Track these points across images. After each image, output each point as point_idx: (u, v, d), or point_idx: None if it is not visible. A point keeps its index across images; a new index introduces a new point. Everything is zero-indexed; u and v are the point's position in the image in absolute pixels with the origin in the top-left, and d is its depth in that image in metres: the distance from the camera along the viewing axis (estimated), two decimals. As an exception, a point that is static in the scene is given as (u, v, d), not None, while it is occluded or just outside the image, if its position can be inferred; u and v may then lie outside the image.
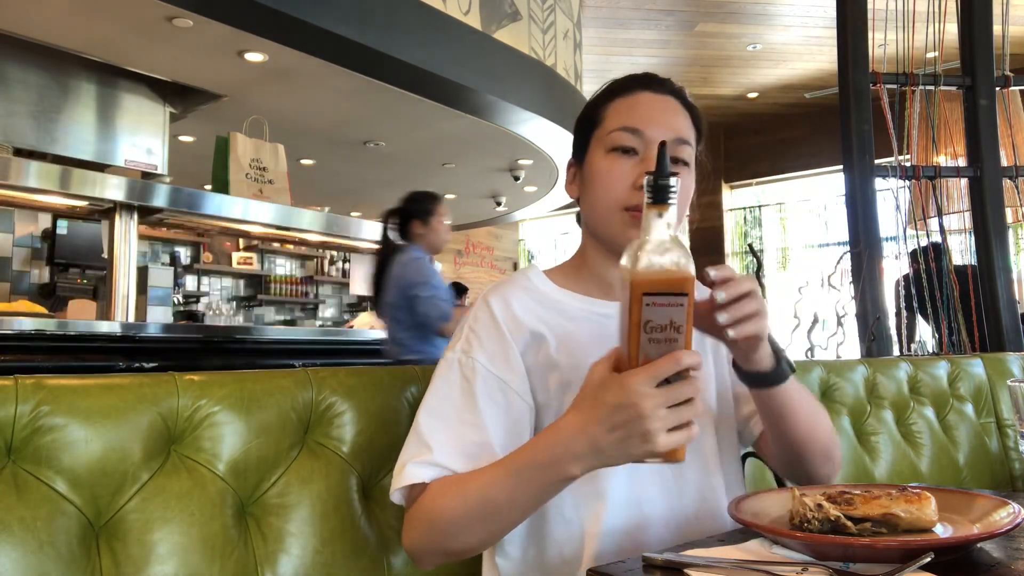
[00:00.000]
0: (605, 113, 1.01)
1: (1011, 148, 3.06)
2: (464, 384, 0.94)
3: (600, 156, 1.00)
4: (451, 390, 0.94)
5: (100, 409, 0.85)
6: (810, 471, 1.00)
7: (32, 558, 0.76)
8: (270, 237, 5.03)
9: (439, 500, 0.87)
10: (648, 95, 1.00)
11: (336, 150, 5.63)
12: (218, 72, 4.05)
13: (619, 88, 1.03)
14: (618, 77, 1.06)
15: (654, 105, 1.00)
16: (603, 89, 1.05)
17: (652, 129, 0.97)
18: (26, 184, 2.20)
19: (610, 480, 0.94)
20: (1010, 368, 2.14)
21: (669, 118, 0.99)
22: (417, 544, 0.90)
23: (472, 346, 0.96)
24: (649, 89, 1.01)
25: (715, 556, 0.73)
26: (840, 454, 1.04)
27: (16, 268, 5.36)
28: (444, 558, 0.91)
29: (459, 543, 0.88)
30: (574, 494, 0.93)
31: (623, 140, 0.97)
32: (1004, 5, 2.87)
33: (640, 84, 1.02)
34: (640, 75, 1.04)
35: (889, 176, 2.81)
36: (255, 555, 0.89)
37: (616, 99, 1.01)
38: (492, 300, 1.00)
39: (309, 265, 8.29)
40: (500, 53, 4.45)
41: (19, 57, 3.87)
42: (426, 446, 0.89)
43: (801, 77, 6.98)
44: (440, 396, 0.94)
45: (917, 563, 0.65)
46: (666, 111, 1.00)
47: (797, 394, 0.93)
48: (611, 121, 1.00)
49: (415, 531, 0.89)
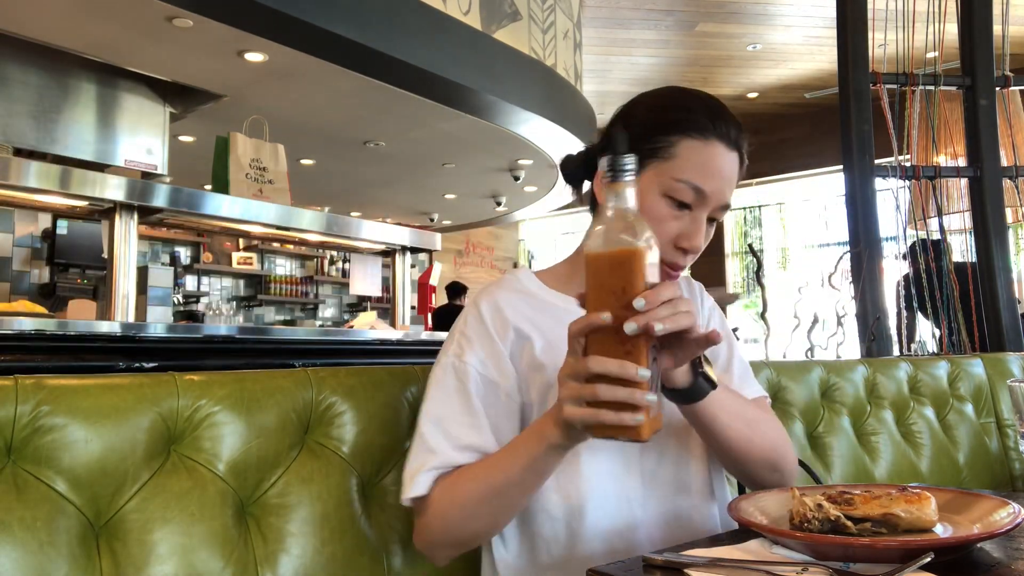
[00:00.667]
0: (676, 149, 0.95)
1: (1011, 148, 3.07)
2: (459, 387, 0.96)
3: (655, 195, 0.95)
4: (448, 395, 0.96)
5: (100, 409, 0.85)
6: (756, 480, 1.00)
7: (32, 558, 0.76)
8: (270, 237, 5.03)
9: (446, 495, 0.90)
10: (722, 150, 0.96)
11: (336, 150, 5.63)
12: (218, 72, 4.05)
13: (695, 125, 0.96)
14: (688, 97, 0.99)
15: (724, 167, 0.96)
16: (676, 110, 0.98)
17: (715, 194, 0.95)
18: (26, 184, 2.20)
19: (595, 479, 0.95)
20: (1010, 368, 2.14)
21: (729, 184, 0.97)
22: (429, 541, 0.93)
23: (464, 350, 0.98)
24: (725, 142, 0.96)
25: (715, 556, 0.73)
26: (793, 463, 1.02)
27: (16, 268, 5.36)
28: (456, 549, 0.95)
29: (468, 531, 0.91)
30: (560, 492, 0.94)
31: (685, 196, 0.95)
32: (1004, 5, 2.87)
33: (716, 131, 0.96)
34: (717, 114, 0.97)
35: (889, 176, 2.81)
36: (255, 555, 0.89)
37: (691, 137, 0.95)
38: (481, 302, 1.01)
39: (309, 265, 8.29)
40: (500, 53, 4.45)
41: (19, 57, 3.87)
42: (431, 451, 0.92)
43: (801, 77, 6.98)
44: (438, 401, 0.96)
45: (917, 563, 0.65)
46: (731, 177, 0.97)
47: (724, 409, 0.92)
48: (680, 165, 0.95)
49: (427, 529, 0.92)
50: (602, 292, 0.76)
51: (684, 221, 0.96)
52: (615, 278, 0.75)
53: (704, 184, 0.94)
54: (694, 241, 0.96)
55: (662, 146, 0.96)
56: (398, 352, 2.69)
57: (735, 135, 0.97)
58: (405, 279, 3.38)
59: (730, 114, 0.99)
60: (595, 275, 0.76)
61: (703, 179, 0.94)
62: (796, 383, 1.64)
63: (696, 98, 0.99)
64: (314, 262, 8.28)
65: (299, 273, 8.19)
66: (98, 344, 1.79)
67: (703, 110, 0.97)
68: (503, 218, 8.40)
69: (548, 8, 5.00)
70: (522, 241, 10.91)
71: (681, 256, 0.98)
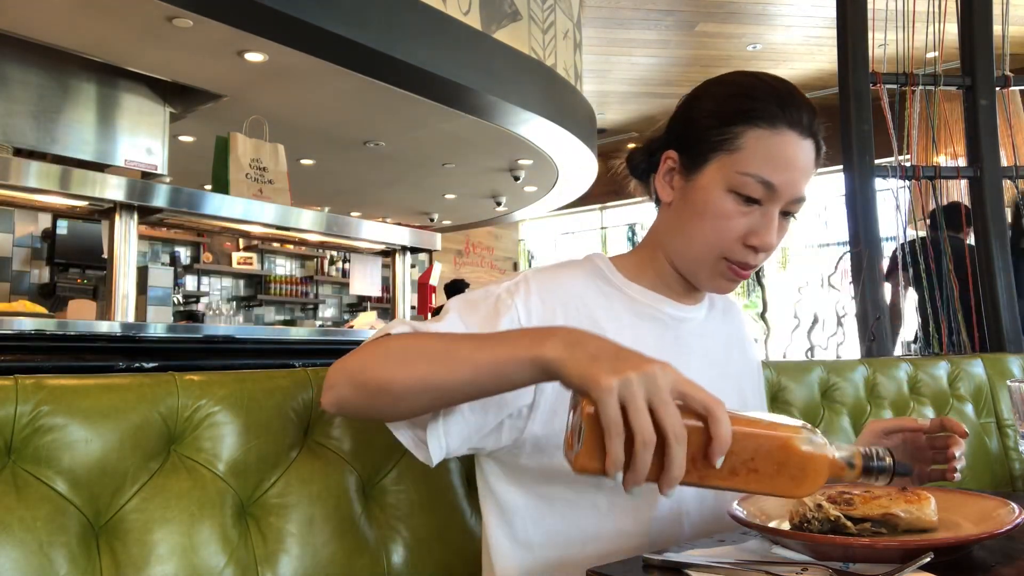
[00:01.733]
0: (743, 141, 0.89)
1: (1011, 148, 3.07)
2: (491, 312, 0.89)
3: (721, 191, 0.90)
4: (473, 310, 0.89)
5: (100, 409, 0.85)
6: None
7: (32, 558, 0.76)
8: (270, 237, 5.03)
9: (397, 337, 0.81)
10: (793, 138, 0.89)
11: (336, 150, 5.63)
12: (218, 72, 4.05)
13: (762, 114, 0.89)
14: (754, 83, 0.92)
15: (798, 156, 0.89)
16: (741, 98, 0.91)
17: (787, 187, 0.89)
18: (26, 184, 2.20)
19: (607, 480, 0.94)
20: (1010, 368, 2.14)
21: (804, 175, 0.90)
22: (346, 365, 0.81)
23: (519, 291, 0.91)
24: (796, 129, 0.89)
25: (715, 556, 0.73)
26: None
27: (16, 268, 5.36)
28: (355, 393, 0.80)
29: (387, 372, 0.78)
30: (572, 490, 0.93)
31: (754, 191, 0.89)
32: (1004, 5, 2.87)
33: (787, 119, 0.89)
34: (787, 100, 0.90)
35: (889, 176, 2.81)
36: (255, 555, 0.89)
37: (758, 127, 0.89)
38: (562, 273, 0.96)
39: (309, 265, 8.29)
40: (500, 53, 4.45)
41: (19, 57, 3.87)
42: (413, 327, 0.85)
43: (801, 77, 6.98)
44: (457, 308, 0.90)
45: (917, 563, 0.65)
46: (805, 167, 0.91)
47: None
48: (748, 157, 0.89)
49: (355, 354, 0.81)
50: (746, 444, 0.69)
51: (753, 217, 0.90)
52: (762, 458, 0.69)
53: (773, 177, 0.88)
54: (765, 238, 0.90)
55: (727, 138, 0.90)
56: (398, 352, 2.69)
57: (808, 121, 0.90)
58: (405, 279, 3.38)
59: (802, 98, 0.91)
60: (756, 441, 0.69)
61: (772, 171, 0.88)
62: (796, 383, 1.64)
63: (763, 83, 0.92)
64: (314, 262, 8.29)
65: (299, 273, 8.19)
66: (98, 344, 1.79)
67: (771, 97, 0.90)
68: (503, 218, 8.40)
69: (548, 8, 5.00)
70: (522, 241, 10.91)
71: (752, 255, 0.91)
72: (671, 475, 0.65)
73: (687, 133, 0.95)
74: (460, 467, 1.11)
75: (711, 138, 0.91)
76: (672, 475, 0.65)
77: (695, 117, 0.95)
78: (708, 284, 0.97)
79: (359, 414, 0.88)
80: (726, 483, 0.70)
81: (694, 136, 0.94)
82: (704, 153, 0.92)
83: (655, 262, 1.00)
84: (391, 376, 0.78)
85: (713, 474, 0.68)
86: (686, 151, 0.94)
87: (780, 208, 0.91)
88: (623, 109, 7.67)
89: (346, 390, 0.81)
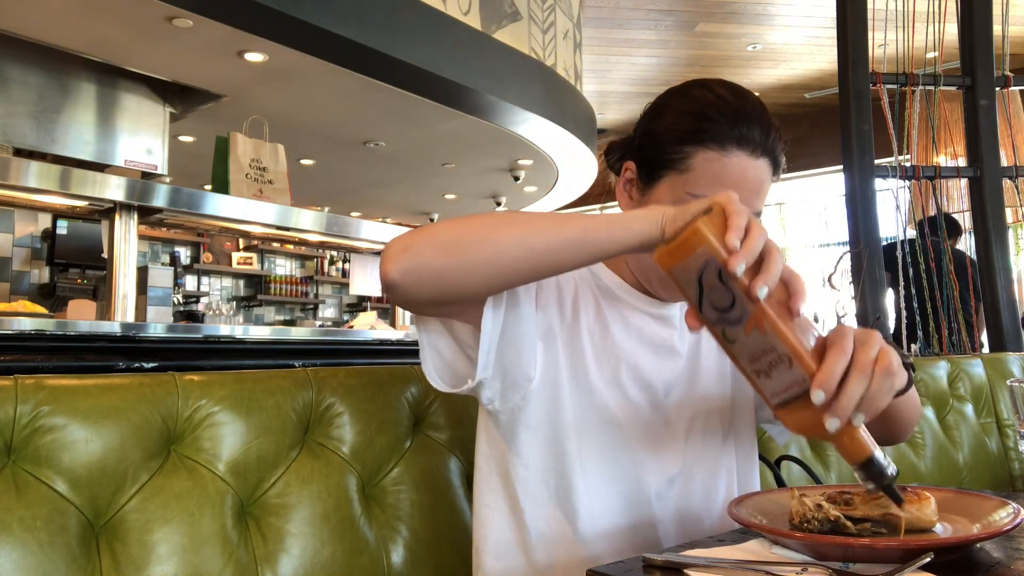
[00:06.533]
0: (693, 162, 0.89)
1: (1011, 148, 3.07)
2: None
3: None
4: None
5: (100, 409, 0.85)
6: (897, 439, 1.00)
7: (32, 558, 0.76)
8: (270, 237, 5.03)
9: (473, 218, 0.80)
10: (741, 159, 0.88)
11: (336, 150, 5.63)
12: (218, 72, 4.05)
13: (713, 134, 0.88)
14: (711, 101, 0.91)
15: (746, 176, 0.88)
16: (695, 117, 0.90)
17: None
18: (26, 184, 2.20)
19: (609, 481, 0.94)
20: (1010, 368, 2.14)
21: (756, 193, 0.89)
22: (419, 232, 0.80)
23: None
24: (746, 149, 0.88)
25: (715, 556, 0.73)
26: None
27: (16, 268, 5.36)
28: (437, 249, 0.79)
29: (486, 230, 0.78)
30: (575, 494, 0.93)
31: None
32: (1004, 5, 2.87)
33: (737, 140, 0.88)
34: (741, 119, 0.89)
35: (889, 176, 2.81)
36: (255, 555, 0.89)
37: (708, 148, 0.88)
38: None
39: (309, 265, 8.29)
40: (500, 53, 4.45)
41: (19, 57, 3.87)
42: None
43: (801, 77, 6.97)
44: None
45: (917, 563, 0.65)
46: (757, 185, 0.89)
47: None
48: (696, 179, 0.88)
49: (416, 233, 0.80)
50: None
51: None
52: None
53: None
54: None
55: (678, 157, 0.90)
56: (398, 352, 2.68)
57: (761, 138, 0.89)
58: (405, 279, 3.37)
59: (757, 115, 0.90)
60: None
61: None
62: (796, 383, 1.64)
63: (719, 100, 0.91)
64: (314, 262, 8.28)
65: (299, 273, 8.19)
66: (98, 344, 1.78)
67: (723, 116, 0.89)
68: (503, 218, 8.39)
69: (548, 8, 5.00)
70: (522, 241, 10.90)
71: None
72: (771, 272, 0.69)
73: (645, 146, 0.96)
74: (460, 467, 1.11)
75: (664, 155, 0.92)
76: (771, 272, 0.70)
77: (654, 130, 0.95)
78: (662, 294, 0.99)
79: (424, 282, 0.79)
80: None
81: (651, 150, 0.94)
82: (658, 169, 0.93)
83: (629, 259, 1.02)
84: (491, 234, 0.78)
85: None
86: (643, 164, 0.96)
87: None
88: (623, 109, 7.67)
89: (428, 248, 0.78)
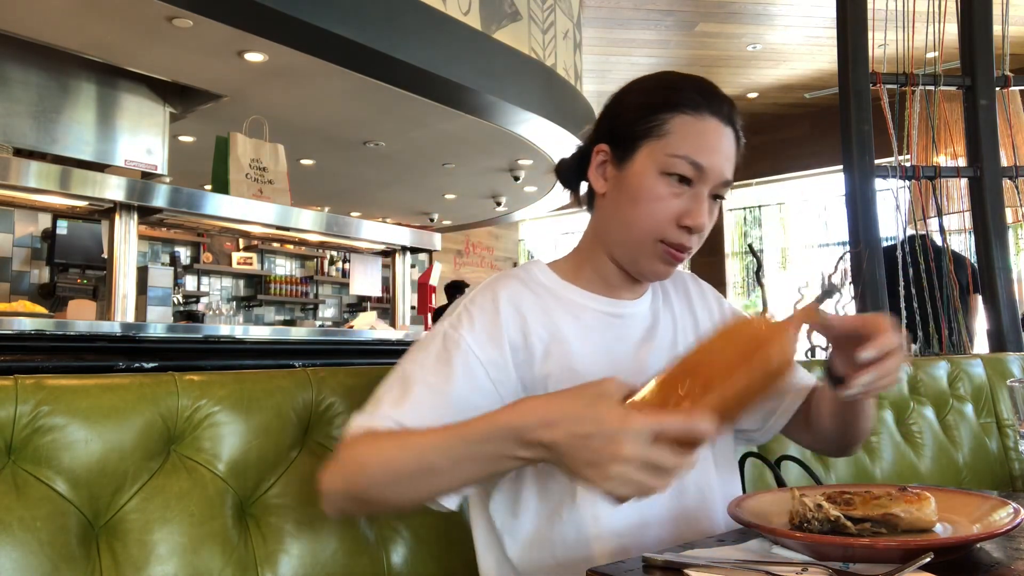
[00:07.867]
0: (669, 127, 0.94)
1: (1011, 148, 3.06)
2: (442, 354, 0.91)
3: (652, 175, 0.94)
4: (427, 357, 0.92)
5: (100, 409, 0.85)
6: (854, 447, 1.07)
7: (32, 558, 0.76)
8: (270, 237, 5.03)
9: (375, 445, 0.84)
10: (716, 124, 0.95)
11: (336, 150, 5.63)
12: (218, 72, 4.05)
13: (687, 102, 0.95)
14: (677, 78, 1.00)
15: (721, 139, 0.95)
16: (666, 90, 0.98)
17: (714, 169, 0.94)
18: (26, 184, 2.20)
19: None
20: (1010, 368, 2.14)
21: (728, 160, 0.96)
22: (336, 485, 0.85)
23: (463, 323, 0.94)
24: (718, 116, 0.95)
25: (715, 556, 0.73)
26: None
27: (16, 268, 5.36)
28: (355, 506, 0.90)
29: (380, 494, 0.84)
30: (575, 494, 0.93)
31: (684, 170, 0.93)
32: (1004, 5, 2.87)
33: (709, 107, 0.95)
34: (708, 91, 0.97)
35: (889, 176, 2.81)
36: (255, 555, 0.89)
37: (683, 114, 0.95)
38: (498, 288, 0.98)
39: (309, 265, 8.29)
40: (500, 53, 4.45)
41: (19, 57, 3.87)
42: (378, 401, 0.89)
43: (801, 77, 6.98)
44: (413, 360, 0.93)
45: (917, 563, 0.65)
46: (728, 152, 0.96)
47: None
48: (675, 142, 0.94)
49: (340, 471, 0.84)
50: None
51: (685, 199, 0.94)
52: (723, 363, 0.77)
53: (700, 158, 0.93)
54: (698, 218, 0.94)
55: (655, 124, 0.95)
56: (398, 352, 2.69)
57: (728, 111, 0.97)
58: (405, 279, 3.38)
59: (722, 93, 0.98)
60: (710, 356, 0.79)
61: (699, 153, 0.93)
62: (796, 383, 1.64)
63: (685, 78, 0.99)
64: (314, 262, 8.28)
65: (299, 273, 8.19)
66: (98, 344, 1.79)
67: (693, 88, 0.97)
68: (503, 218, 8.40)
69: (548, 8, 5.00)
70: (522, 241, 10.91)
71: (687, 236, 0.95)
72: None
73: (616, 125, 1.00)
74: (460, 467, 1.11)
75: (640, 127, 0.96)
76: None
77: (623, 111, 1.00)
78: (648, 269, 0.99)
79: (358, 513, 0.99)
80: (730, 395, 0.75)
81: (624, 127, 0.98)
82: (634, 141, 0.96)
83: (592, 261, 1.04)
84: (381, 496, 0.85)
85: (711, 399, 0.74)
86: (617, 142, 0.99)
87: (709, 191, 0.95)
88: (623, 109, 7.68)
89: (345, 504, 0.88)
